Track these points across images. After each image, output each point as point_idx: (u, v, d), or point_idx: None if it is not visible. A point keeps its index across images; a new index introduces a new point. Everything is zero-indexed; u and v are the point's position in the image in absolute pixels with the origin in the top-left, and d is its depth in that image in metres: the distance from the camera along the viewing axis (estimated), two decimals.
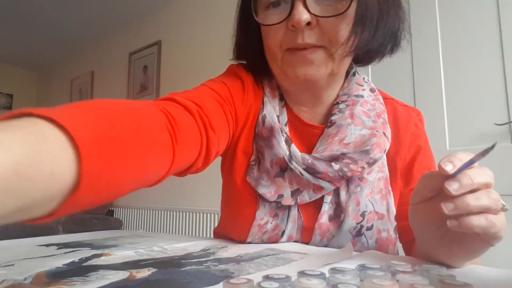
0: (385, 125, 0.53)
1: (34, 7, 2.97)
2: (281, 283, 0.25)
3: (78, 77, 3.80)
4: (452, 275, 0.29)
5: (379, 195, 0.52)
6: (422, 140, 0.57)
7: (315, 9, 0.44)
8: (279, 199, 0.51)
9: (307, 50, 0.46)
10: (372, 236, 0.50)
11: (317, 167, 0.48)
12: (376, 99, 0.56)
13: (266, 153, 0.52)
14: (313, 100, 0.55)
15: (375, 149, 0.49)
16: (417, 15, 1.61)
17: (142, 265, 0.37)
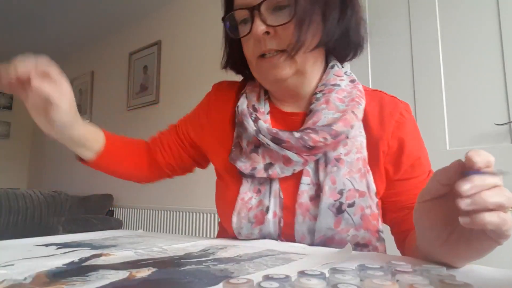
0: (356, 106, 0.57)
1: (34, 7, 2.98)
2: (281, 283, 0.25)
3: (78, 77, 3.80)
4: (452, 275, 0.29)
5: (358, 174, 0.55)
6: (409, 129, 0.60)
7: (271, 20, 0.53)
8: (253, 171, 0.57)
9: (273, 56, 0.55)
10: (355, 213, 0.53)
11: (280, 136, 0.55)
12: (354, 88, 0.61)
13: (243, 135, 0.61)
14: (291, 95, 0.62)
15: (338, 123, 0.54)
16: (417, 15, 1.61)
17: (142, 265, 0.37)
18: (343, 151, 0.56)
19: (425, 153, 0.61)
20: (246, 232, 0.57)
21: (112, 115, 3.33)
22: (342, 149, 0.56)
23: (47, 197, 2.58)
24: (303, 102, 0.62)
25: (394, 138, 0.58)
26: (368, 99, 0.61)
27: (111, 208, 3.03)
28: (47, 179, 4.08)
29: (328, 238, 0.53)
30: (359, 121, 0.57)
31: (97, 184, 3.31)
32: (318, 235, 0.53)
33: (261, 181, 0.58)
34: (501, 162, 1.33)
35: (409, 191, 0.58)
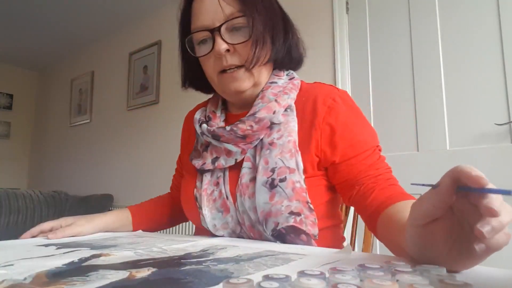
0: (281, 95, 0.65)
1: (34, 7, 2.98)
2: (281, 283, 0.25)
3: (78, 77, 3.80)
4: (452, 275, 0.29)
5: (288, 154, 0.61)
6: (342, 112, 0.64)
7: (230, 38, 0.62)
8: (203, 166, 0.67)
9: (233, 71, 0.63)
10: (287, 186, 0.59)
11: (216, 132, 0.64)
12: (290, 83, 0.69)
13: (197, 140, 0.72)
14: (246, 103, 0.70)
15: (261, 111, 0.62)
16: (417, 15, 1.61)
17: (142, 265, 0.37)
18: (276, 135, 0.63)
19: (367, 132, 0.65)
20: (222, 222, 0.64)
21: (112, 115, 3.33)
22: (275, 134, 0.63)
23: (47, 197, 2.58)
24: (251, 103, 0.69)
25: (325, 123, 0.63)
26: (306, 89, 0.69)
27: (111, 208, 3.03)
28: (47, 179, 4.08)
29: (267, 212, 0.58)
30: (282, 107, 0.64)
31: (97, 184, 3.31)
32: (259, 211, 0.59)
33: (218, 175, 0.67)
34: (501, 162, 1.33)
35: (355, 168, 0.62)
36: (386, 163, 0.64)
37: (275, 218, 0.58)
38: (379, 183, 0.59)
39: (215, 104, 0.74)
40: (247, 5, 0.62)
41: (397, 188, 0.59)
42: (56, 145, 4.04)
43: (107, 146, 3.32)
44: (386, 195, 0.56)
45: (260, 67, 0.65)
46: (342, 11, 1.86)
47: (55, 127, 4.11)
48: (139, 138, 3.00)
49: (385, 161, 0.64)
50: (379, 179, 0.60)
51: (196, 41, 0.66)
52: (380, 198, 0.57)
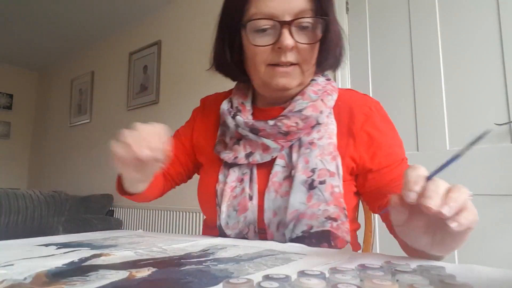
0: (325, 95, 0.64)
1: (34, 7, 2.98)
2: (281, 283, 0.25)
3: (78, 77, 3.80)
4: (452, 275, 0.29)
5: (329, 156, 0.60)
6: (378, 121, 0.65)
7: (297, 36, 0.59)
8: (235, 160, 0.63)
9: (287, 67, 0.60)
10: (326, 190, 0.58)
11: (256, 125, 0.62)
12: (328, 83, 0.68)
13: (226, 133, 0.68)
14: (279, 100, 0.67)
15: (307, 108, 0.61)
16: (417, 16, 1.61)
17: (142, 265, 0.37)
18: (316, 136, 0.62)
19: (397, 143, 0.66)
20: (233, 222, 0.62)
21: (112, 115, 3.33)
22: (315, 134, 0.62)
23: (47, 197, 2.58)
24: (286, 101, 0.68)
25: (363, 130, 0.63)
26: (342, 95, 0.68)
27: (111, 208, 3.04)
28: (47, 179, 4.08)
29: (300, 213, 0.57)
30: (328, 108, 0.63)
31: (97, 184, 3.31)
32: (291, 210, 0.57)
33: (243, 171, 0.64)
34: (501, 162, 1.33)
35: (386, 177, 0.62)
36: None
37: (309, 221, 0.56)
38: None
39: (244, 96, 0.70)
40: (321, 6, 0.59)
41: None
42: (56, 145, 4.04)
43: (107, 146, 3.31)
44: None
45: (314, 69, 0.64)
46: (342, 11, 1.86)
47: (55, 127, 4.11)
48: None
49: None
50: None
51: (254, 27, 0.60)
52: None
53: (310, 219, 0.56)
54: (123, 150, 0.54)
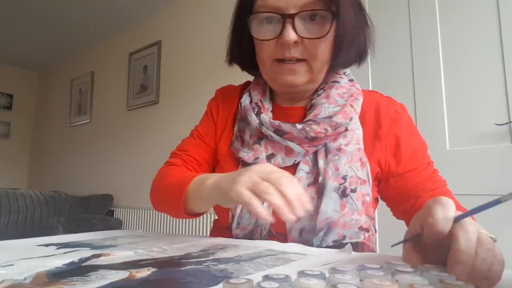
0: (354, 100, 0.61)
1: (34, 7, 2.97)
2: (281, 283, 0.25)
3: (78, 77, 3.80)
4: (452, 276, 0.29)
5: (359, 163, 0.58)
6: (405, 124, 0.63)
7: (301, 30, 0.54)
8: (255, 160, 0.59)
9: (293, 63, 0.57)
10: (358, 198, 0.55)
11: (283, 127, 0.58)
12: (353, 86, 0.65)
13: (246, 129, 0.64)
14: (295, 97, 0.65)
15: (338, 115, 0.58)
16: (417, 16, 1.61)
17: (142, 265, 0.37)
18: (343, 142, 0.59)
19: (423, 146, 0.64)
20: (245, 223, 0.59)
21: (112, 115, 3.33)
22: (342, 140, 0.59)
23: (47, 197, 2.58)
24: (304, 99, 0.66)
25: (390, 134, 0.62)
26: (365, 98, 0.65)
27: (111, 208, 3.03)
28: (47, 179, 4.08)
29: (333, 221, 0.54)
30: (357, 114, 0.61)
31: (97, 184, 3.31)
32: (323, 217, 0.54)
33: None
34: (501, 162, 1.33)
35: (411, 181, 0.61)
36: (441, 176, 0.64)
37: (341, 230, 0.54)
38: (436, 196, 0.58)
39: (262, 92, 0.67)
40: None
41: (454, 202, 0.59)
42: (56, 145, 4.04)
43: (107, 146, 3.32)
44: None
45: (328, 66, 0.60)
46: None
47: (55, 127, 4.11)
48: (139, 138, 3.00)
49: (439, 175, 0.64)
50: (436, 192, 0.59)
51: (259, 18, 0.57)
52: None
53: (342, 229, 0.54)
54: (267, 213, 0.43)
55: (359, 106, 0.61)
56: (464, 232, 0.31)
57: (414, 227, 0.37)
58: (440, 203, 0.34)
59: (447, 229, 0.32)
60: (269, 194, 0.41)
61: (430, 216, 0.33)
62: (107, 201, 2.98)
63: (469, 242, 0.30)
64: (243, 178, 0.44)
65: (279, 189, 0.42)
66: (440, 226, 0.32)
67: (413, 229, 0.37)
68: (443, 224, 0.32)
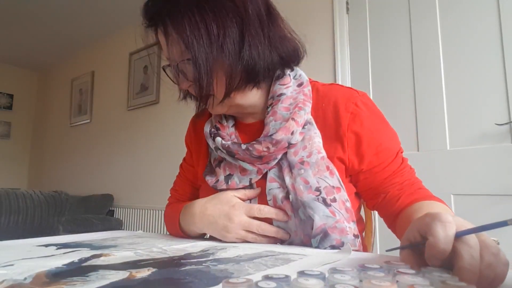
0: (297, 112, 0.59)
1: (34, 7, 2.98)
2: (279, 283, 0.25)
3: (78, 77, 3.80)
4: (454, 277, 0.29)
5: (327, 172, 0.57)
6: (366, 118, 0.60)
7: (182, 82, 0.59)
8: (216, 183, 0.63)
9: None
10: (341, 208, 0.55)
11: (231, 148, 0.60)
12: (300, 92, 0.62)
13: (211, 155, 0.68)
14: (245, 114, 0.67)
15: (278, 132, 0.57)
16: (417, 15, 1.61)
17: (142, 265, 0.37)
18: (304, 154, 0.58)
19: (390, 137, 0.62)
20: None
21: (112, 115, 3.33)
22: (302, 152, 0.58)
23: (47, 197, 2.58)
24: (260, 113, 0.66)
25: (350, 132, 0.60)
26: (323, 95, 0.63)
27: (111, 208, 3.04)
28: (47, 179, 4.08)
29: (329, 227, 0.53)
30: (300, 126, 0.58)
31: (97, 184, 3.31)
32: (319, 224, 0.53)
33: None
34: (501, 162, 1.33)
35: (379, 176, 0.60)
36: (409, 165, 0.63)
37: (339, 236, 0.53)
38: (404, 189, 0.59)
39: (218, 115, 0.68)
40: (187, 43, 0.53)
41: (423, 192, 0.58)
42: (56, 145, 4.04)
43: (107, 146, 3.32)
44: (412, 198, 0.56)
45: (234, 95, 0.58)
46: (342, 11, 1.85)
47: (55, 127, 4.11)
48: (139, 138, 3.00)
49: (407, 163, 0.63)
50: (404, 185, 0.59)
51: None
52: (405, 203, 0.57)
53: (340, 235, 0.54)
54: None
55: (303, 116, 0.59)
56: (467, 248, 0.31)
57: (413, 234, 0.36)
58: (439, 220, 0.33)
59: (449, 248, 0.32)
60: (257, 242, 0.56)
61: (431, 235, 0.32)
62: (107, 201, 2.98)
63: (473, 259, 0.30)
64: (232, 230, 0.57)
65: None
66: (442, 245, 0.31)
67: (412, 236, 0.36)
68: (445, 243, 0.32)
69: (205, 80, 0.54)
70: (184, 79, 0.58)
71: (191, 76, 0.56)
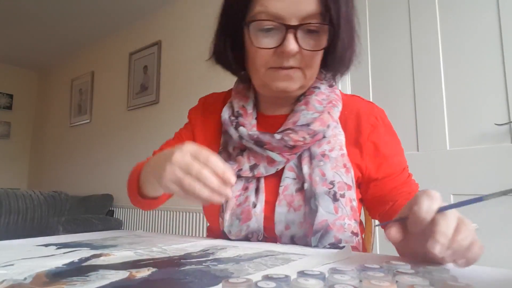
0: (332, 108, 0.62)
1: (34, 7, 2.97)
2: (278, 283, 0.25)
3: (78, 77, 3.80)
4: (454, 277, 0.29)
5: (344, 169, 0.60)
6: (384, 131, 0.65)
7: (302, 42, 0.55)
8: (239, 172, 0.61)
9: (290, 70, 0.57)
10: (346, 204, 0.57)
11: (261, 138, 0.59)
12: (332, 91, 0.66)
13: (228, 142, 0.66)
14: (279, 102, 0.66)
15: (315, 122, 0.59)
16: (417, 15, 1.61)
17: (142, 265, 0.37)
18: (327, 147, 0.60)
19: (399, 152, 0.66)
20: (236, 230, 0.60)
21: (112, 115, 3.33)
22: (326, 146, 0.61)
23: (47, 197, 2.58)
24: (288, 106, 0.67)
25: (369, 141, 0.63)
26: (346, 103, 0.66)
27: (111, 208, 3.04)
28: (47, 179, 4.08)
29: (329, 224, 0.55)
30: (334, 121, 0.62)
31: (97, 184, 3.31)
32: (320, 220, 0.55)
33: (248, 180, 0.63)
34: (501, 162, 1.33)
35: (389, 186, 0.63)
36: (414, 179, 0.66)
37: (338, 233, 0.55)
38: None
39: (245, 99, 0.67)
40: (332, 11, 0.54)
41: None
42: (56, 145, 4.04)
43: (107, 146, 3.32)
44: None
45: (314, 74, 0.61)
46: None
47: (55, 127, 4.11)
48: (139, 138, 3.00)
49: (413, 178, 0.66)
50: (412, 195, 0.59)
51: (257, 27, 0.56)
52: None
53: (338, 232, 0.55)
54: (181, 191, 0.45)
55: (336, 113, 0.63)
56: (444, 218, 0.34)
57: (404, 211, 0.39)
58: (427, 194, 0.36)
59: (429, 218, 0.35)
60: (194, 190, 0.44)
61: (416, 205, 0.36)
62: (107, 201, 2.98)
63: (448, 227, 0.34)
64: (168, 169, 0.45)
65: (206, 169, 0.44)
66: (424, 214, 0.35)
67: (403, 213, 0.40)
68: (426, 212, 0.35)
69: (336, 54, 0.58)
70: (310, 39, 0.56)
71: (323, 44, 0.56)
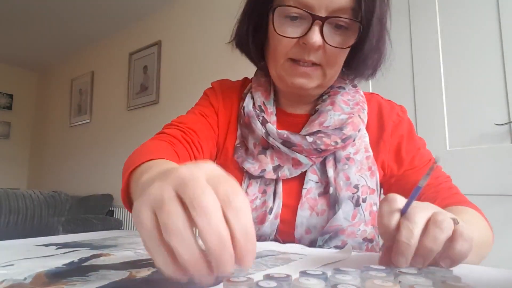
0: (361, 110, 0.60)
1: (34, 7, 2.97)
2: (279, 282, 0.25)
3: (78, 77, 3.80)
4: (457, 277, 0.29)
5: (369, 172, 0.58)
6: (406, 127, 0.63)
7: (328, 36, 0.51)
8: (262, 173, 0.57)
9: (308, 66, 0.54)
10: (366, 209, 0.55)
11: (292, 139, 0.56)
12: (357, 92, 0.64)
13: (249, 137, 0.61)
14: (300, 99, 0.63)
15: (347, 127, 0.57)
16: (417, 15, 1.61)
17: (142, 265, 0.37)
18: (352, 150, 0.58)
19: (422, 145, 0.64)
20: None
21: (112, 115, 3.33)
22: (351, 149, 0.58)
23: (47, 197, 2.58)
24: (308, 104, 0.64)
25: (393, 137, 0.62)
26: (368, 102, 0.65)
27: (111, 208, 3.03)
28: (47, 179, 4.08)
29: (341, 229, 0.53)
30: (365, 124, 0.60)
31: (97, 184, 3.31)
32: (335, 223, 0.53)
33: (267, 182, 0.59)
34: (501, 162, 1.32)
35: (413, 178, 0.60)
36: (444, 172, 0.62)
37: (347, 238, 0.54)
38: (441, 192, 0.57)
39: (266, 94, 0.63)
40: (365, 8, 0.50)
41: (459, 197, 0.57)
42: (56, 145, 4.04)
43: (107, 146, 3.32)
44: (446, 203, 0.54)
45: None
46: None
47: (55, 127, 4.11)
48: (139, 138, 3.00)
49: (442, 170, 0.62)
50: (440, 188, 0.58)
51: (283, 14, 0.52)
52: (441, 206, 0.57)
53: (347, 237, 0.54)
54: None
55: (366, 116, 0.61)
56: (407, 223, 0.32)
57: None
58: (385, 199, 0.35)
59: (392, 222, 0.33)
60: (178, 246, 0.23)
61: (378, 214, 0.34)
62: (107, 201, 2.98)
63: (410, 232, 0.31)
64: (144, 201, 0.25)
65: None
66: (385, 220, 0.33)
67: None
68: (388, 217, 0.33)
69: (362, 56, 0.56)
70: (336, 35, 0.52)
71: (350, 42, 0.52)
